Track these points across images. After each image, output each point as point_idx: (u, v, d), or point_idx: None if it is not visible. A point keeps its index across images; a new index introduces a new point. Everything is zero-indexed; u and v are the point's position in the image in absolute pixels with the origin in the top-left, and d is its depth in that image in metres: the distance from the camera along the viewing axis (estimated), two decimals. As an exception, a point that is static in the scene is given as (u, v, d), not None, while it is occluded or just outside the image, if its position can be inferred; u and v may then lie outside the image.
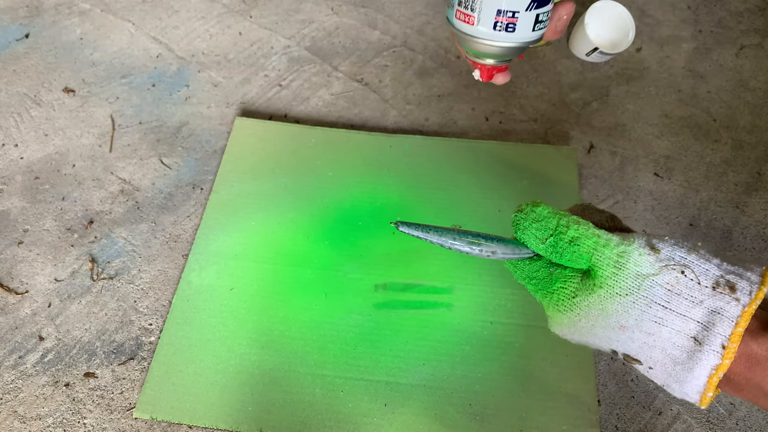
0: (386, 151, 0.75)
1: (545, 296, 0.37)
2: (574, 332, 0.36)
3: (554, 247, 0.35)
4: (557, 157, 0.74)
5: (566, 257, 0.35)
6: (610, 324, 0.34)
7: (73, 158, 0.76)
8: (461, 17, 0.39)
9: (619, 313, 0.33)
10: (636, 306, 0.33)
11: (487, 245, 0.37)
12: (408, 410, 0.56)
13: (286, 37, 0.90)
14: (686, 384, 0.33)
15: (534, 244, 0.36)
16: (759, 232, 0.68)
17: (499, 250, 0.37)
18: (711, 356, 0.31)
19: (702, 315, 0.32)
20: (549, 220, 0.36)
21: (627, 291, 0.33)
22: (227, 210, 0.70)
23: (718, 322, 0.31)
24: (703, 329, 0.32)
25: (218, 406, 0.57)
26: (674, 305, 0.32)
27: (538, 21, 0.38)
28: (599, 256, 0.34)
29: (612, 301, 0.33)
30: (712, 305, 0.32)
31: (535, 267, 0.37)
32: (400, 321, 0.61)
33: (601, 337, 0.35)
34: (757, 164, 0.74)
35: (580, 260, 0.35)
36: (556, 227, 0.35)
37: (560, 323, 0.36)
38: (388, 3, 0.95)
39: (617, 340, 0.34)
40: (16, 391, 0.58)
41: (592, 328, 0.35)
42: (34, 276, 0.66)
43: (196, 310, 0.62)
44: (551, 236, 0.35)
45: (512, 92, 0.83)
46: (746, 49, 0.87)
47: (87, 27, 0.92)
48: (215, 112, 0.81)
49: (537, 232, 0.36)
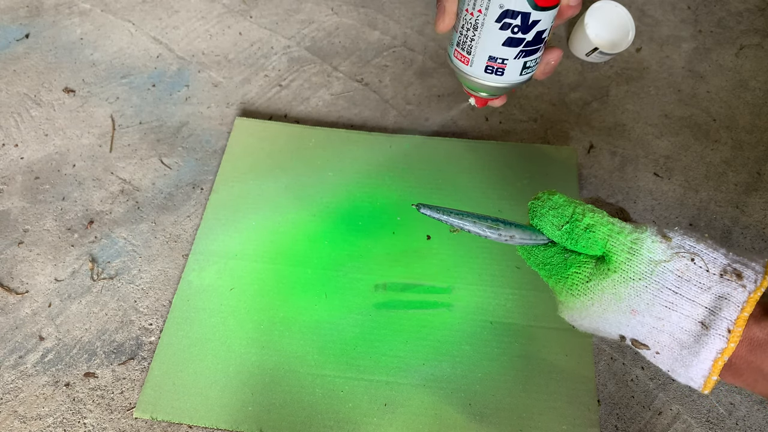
0: (386, 151, 0.75)
1: (559, 281, 0.37)
2: (584, 317, 0.37)
3: (570, 234, 0.37)
4: (557, 157, 0.74)
5: (581, 243, 0.36)
6: (621, 308, 0.35)
7: (74, 158, 0.76)
8: (458, 57, 0.44)
9: (631, 297, 0.34)
10: (648, 290, 0.34)
11: (506, 230, 0.38)
12: (408, 410, 0.56)
13: (286, 37, 0.90)
14: (692, 368, 0.34)
15: (550, 231, 0.38)
16: (759, 232, 0.68)
17: (517, 234, 0.38)
18: (717, 340, 0.33)
19: (710, 300, 0.33)
20: (565, 208, 0.37)
21: (640, 276, 0.34)
22: (227, 210, 0.70)
23: (725, 307, 0.33)
24: (710, 314, 0.33)
25: (218, 405, 0.57)
26: (684, 290, 0.33)
27: (525, 67, 0.43)
28: (614, 242, 0.35)
29: (625, 286, 0.35)
30: (719, 291, 0.33)
31: (549, 253, 0.38)
32: (400, 321, 0.61)
33: (612, 322, 0.36)
34: (757, 164, 0.74)
35: (595, 246, 0.36)
36: (572, 214, 0.37)
37: (572, 308, 0.37)
38: (388, 3, 0.95)
39: (627, 325, 0.35)
40: (16, 391, 0.58)
41: (604, 313, 0.36)
42: (34, 276, 0.66)
43: (196, 310, 0.62)
44: (567, 223, 0.37)
45: (512, 92, 0.83)
46: (746, 49, 0.87)
47: (87, 27, 0.92)
48: (215, 112, 0.81)
49: (554, 219, 0.37)
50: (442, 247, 0.66)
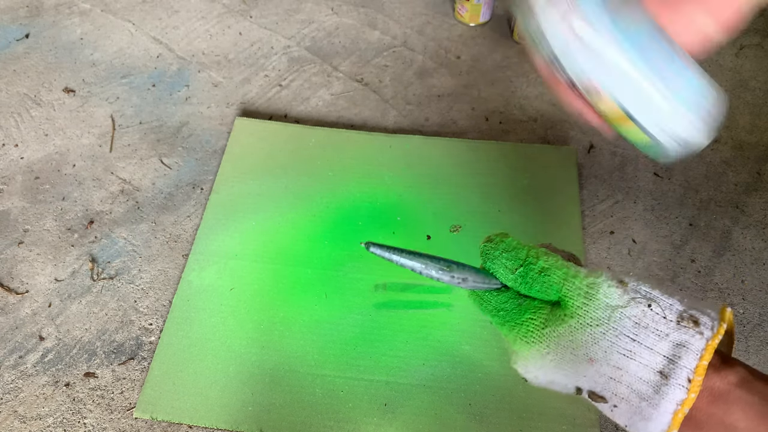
0: (386, 151, 0.75)
1: (513, 328, 0.36)
2: (540, 367, 0.35)
3: (524, 278, 0.36)
4: (557, 157, 0.74)
5: (536, 288, 0.35)
6: (578, 356, 0.34)
7: (74, 158, 0.76)
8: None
9: (589, 345, 0.33)
10: (605, 337, 0.33)
11: (459, 272, 0.37)
12: (408, 410, 0.56)
13: (286, 37, 0.90)
14: (651, 421, 0.32)
15: (503, 275, 0.36)
16: (759, 232, 0.68)
17: (470, 277, 0.37)
18: (677, 390, 0.31)
19: (668, 348, 0.32)
20: (519, 251, 0.36)
21: (597, 321, 0.33)
22: (227, 210, 0.70)
23: (684, 355, 0.31)
24: (669, 362, 0.32)
25: (218, 405, 0.57)
26: (642, 338, 0.32)
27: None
28: (569, 287, 0.34)
29: (582, 332, 0.33)
30: (677, 338, 0.32)
31: (503, 298, 0.37)
32: (400, 321, 0.61)
33: (568, 373, 0.34)
34: (757, 164, 0.74)
35: (550, 291, 0.35)
36: (526, 257, 0.36)
37: (527, 357, 0.36)
38: (388, 3, 0.95)
39: (584, 376, 0.34)
40: (16, 391, 0.58)
41: (560, 362, 0.34)
42: (34, 276, 0.66)
43: (196, 309, 0.62)
44: (521, 266, 0.36)
45: (512, 92, 0.83)
46: (746, 49, 0.87)
47: (87, 27, 0.92)
48: (215, 112, 0.81)
49: (507, 262, 0.36)
50: (442, 247, 0.66)
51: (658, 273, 0.65)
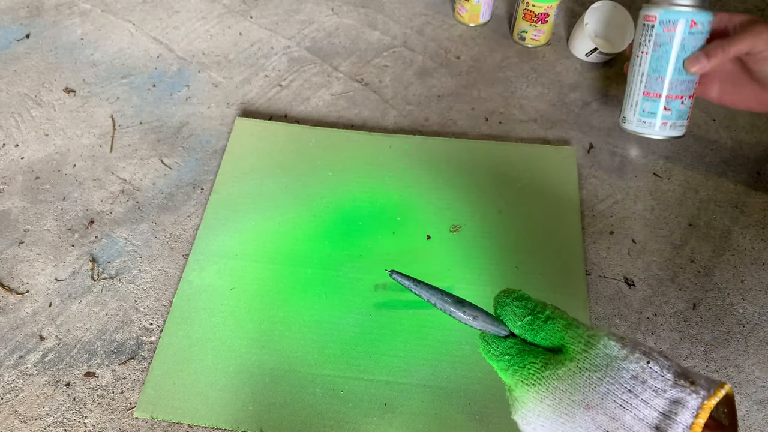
0: (386, 151, 0.75)
1: (516, 372, 0.38)
2: (538, 415, 0.36)
3: (531, 325, 0.38)
4: (557, 157, 0.74)
5: (541, 335, 0.38)
6: (575, 402, 0.34)
7: (74, 158, 0.76)
8: None
9: (585, 390, 0.34)
10: (603, 383, 0.34)
11: (471, 309, 0.40)
12: (408, 410, 0.57)
13: (286, 37, 0.91)
14: None
15: (512, 321, 0.39)
16: (758, 232, 0.68)
17: (480, 316, 0.40)
18: None
19: (664, 405, 0.32)
20: (529, 301, 0.40)
21: (596, 367, 0.34)
22: (227, 210, 0.70)
23: (680, 412, 0.32)
24: (665, 418, 0.32)
25: (219, 405, 0.57)
26: (638, 391, 0.33)
27: None
28: (572, 334, 0.37)
29: (580, 376, 0.35)
30: (674, 396, 0.32)
31: (508, 344, 0.39)
32: (400, 321, 0.62)
33: (565, 421, 0.35)
34: (757, 164, 0.74)
35: (554, 338, 0.37)
36: (535, 307, 0.39)
37: (526, 402, 0.37)
38: (388, 3, 0.95)
39: (580, 426, 0.34)
40: (16, 390, 0.59)
41: (557, 408, 0.35)
42: (34, 276, 0.66)
43: (196, 309, 0.62)
44: (530, 314, 0.39)
45: (512, 92, 0.83)
46: (746, 49, 0.87)
47: (87, 27, 0.92)
48: (215, 112, 0.81)
49: (517, 309, 0.39)
50: (442, 247, 0.66)
51: (657, 273, 0.65)
